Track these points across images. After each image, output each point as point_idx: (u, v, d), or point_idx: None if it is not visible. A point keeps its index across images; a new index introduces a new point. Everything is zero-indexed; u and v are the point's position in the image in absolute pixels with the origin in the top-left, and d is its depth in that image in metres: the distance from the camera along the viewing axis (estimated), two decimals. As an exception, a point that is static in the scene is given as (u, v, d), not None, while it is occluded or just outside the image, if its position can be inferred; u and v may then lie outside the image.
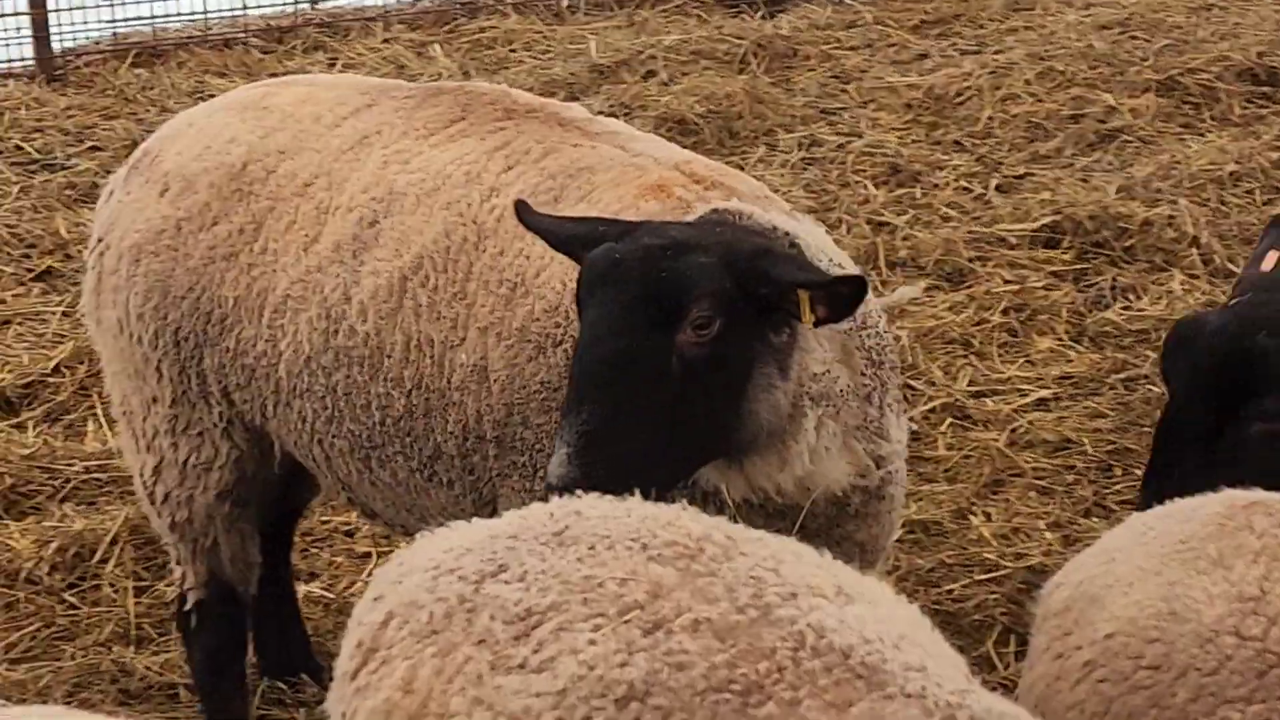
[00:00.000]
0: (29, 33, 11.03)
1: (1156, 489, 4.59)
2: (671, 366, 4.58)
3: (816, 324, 4.64)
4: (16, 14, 11.08)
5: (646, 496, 4.34)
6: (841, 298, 4.58)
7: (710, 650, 3.33)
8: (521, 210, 5.02)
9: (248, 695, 6.11)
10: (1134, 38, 10.72)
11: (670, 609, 3.43)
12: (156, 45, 11.23)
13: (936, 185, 9.24)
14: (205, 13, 11.52)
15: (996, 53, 10.63)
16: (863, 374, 5.00)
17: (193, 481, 5.94)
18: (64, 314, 8.33)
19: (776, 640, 3.33)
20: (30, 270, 8.77)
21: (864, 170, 9.37)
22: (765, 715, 3.21)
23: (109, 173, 9.45)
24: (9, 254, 8.86)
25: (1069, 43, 10.62)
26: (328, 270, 5.67)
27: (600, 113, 9.73)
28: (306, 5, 11.79)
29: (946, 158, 9.52)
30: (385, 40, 11.22)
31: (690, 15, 11.44)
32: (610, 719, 3.30)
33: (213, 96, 10.20)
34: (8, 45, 11.15)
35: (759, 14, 11.55)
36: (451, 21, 11.50)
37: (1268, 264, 5.12)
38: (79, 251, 8.59)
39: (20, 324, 8.30)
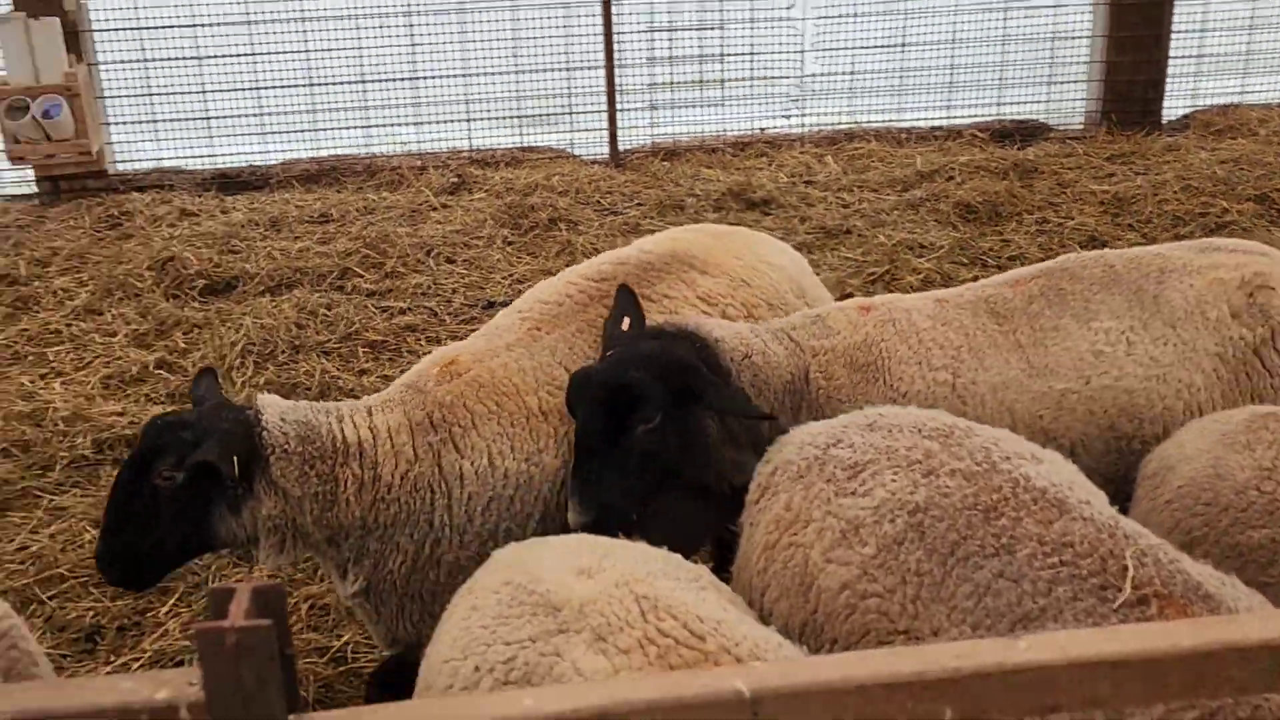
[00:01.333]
0: (607, 140, 11.33)
1: (584, 491, 4.05)
2: (159, 499, 4.12)
3: (240, 479, 4.12)
4: (601, 129, 11.31)
5: (150, 583, 4.33)
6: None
7: (962, 486, 3.31)
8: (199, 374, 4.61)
9: None
10: (1241, 168, 10.30)
11: (937, 463, 3.42)
12: (674, 149, 11.42)
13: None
14: (701, 131, 11.64)
15: (1156, 175, 10.29)
16: (344, 505, 4.22)
17: None
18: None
19: (1002, 481, 3.31)
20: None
21: (1073, 238, 9.17)
22: (1000, 525, 3.17)
23: (647, 218, 9.83)
24: (587, 257, 8.96)
25: (1201, 170, 10.26)
26: None
27: (921, 197, 9.92)
28: (759, 129, 11.79)
29: (1123, 234, 9.24)
30: (801, 151, 11.24)
31: (976, 145, 11.30)
32: (905, 522, 3.28)
33: (705, 181, 10.55)
34: (595, 146, 11.41)
35: (1016, 145, 11.35)
36: (839, 142, 11.51)
37: (625, 325, 4.41)
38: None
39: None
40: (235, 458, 4.10)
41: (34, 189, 10.99)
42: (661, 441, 4.12)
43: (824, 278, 8.51)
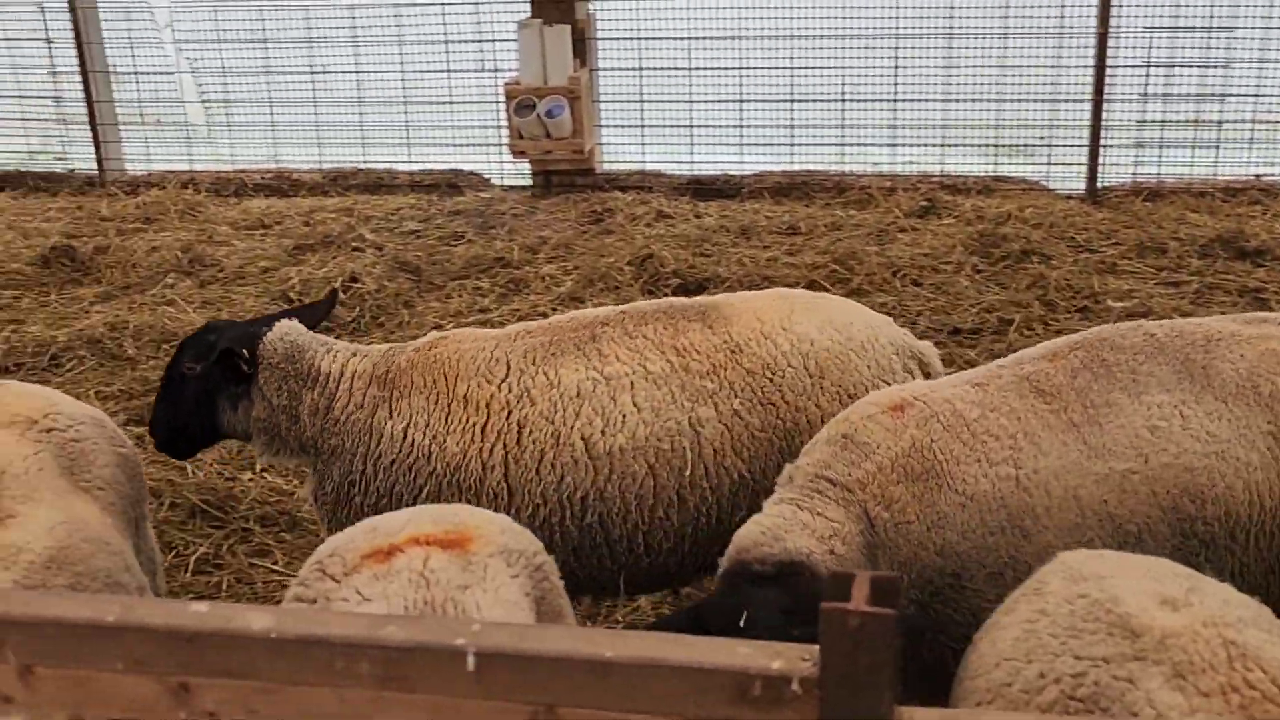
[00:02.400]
0: (1085, 175, 10.86)
1: None
2: (185, 386, 4.95)
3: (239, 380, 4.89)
4: (1080, 164, 10.82)
5: (185, 455, 5.22)
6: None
7: None
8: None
9: None
10: None
11: None
12: (1157, 189, 10.70)
13: None
14: (1189, 174, 10.91)
15: None
16: (303, 424, 4.86)
17: None
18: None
19: None
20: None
21: None
22: None
23: (1125, 258, 9.33)
24: (1060, 293, 8.62)
25: None
26: None
27: None
28: (1254, 175, 10.92)
29: None
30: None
31: None
32: None
33: (1191, 225, 9.88)
34: (1071, 180, 10.88)
35: None
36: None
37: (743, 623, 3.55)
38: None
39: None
40: (238, 358, 4.88)
41: (528, 181, 11.83)
42: None
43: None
